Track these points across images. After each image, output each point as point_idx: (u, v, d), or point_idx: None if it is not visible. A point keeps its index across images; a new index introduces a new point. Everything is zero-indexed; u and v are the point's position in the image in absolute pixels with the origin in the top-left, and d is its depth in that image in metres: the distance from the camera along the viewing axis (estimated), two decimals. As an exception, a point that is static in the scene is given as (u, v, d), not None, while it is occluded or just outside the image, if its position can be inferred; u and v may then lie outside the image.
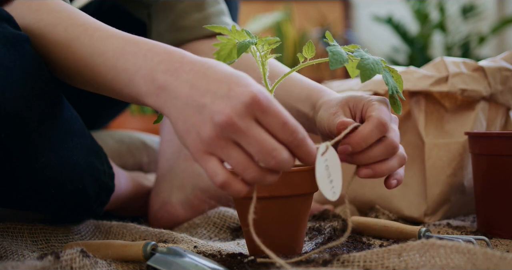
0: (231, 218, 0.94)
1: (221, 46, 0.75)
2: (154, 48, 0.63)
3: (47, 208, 0.78)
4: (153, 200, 0.99)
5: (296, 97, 0.81)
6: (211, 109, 0.56)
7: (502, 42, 3.41)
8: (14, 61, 0.65)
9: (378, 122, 0.65)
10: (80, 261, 0.60)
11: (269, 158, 0.56)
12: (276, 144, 0.56)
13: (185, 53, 0.62)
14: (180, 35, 0.96)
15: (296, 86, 0.82)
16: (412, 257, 0.59)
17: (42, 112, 0.68)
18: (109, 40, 0.66)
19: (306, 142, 0.58)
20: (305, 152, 0.58)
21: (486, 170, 0.83)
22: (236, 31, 0.72)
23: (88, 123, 0.89)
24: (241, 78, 0.58)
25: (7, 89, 0.63)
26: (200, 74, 0.59)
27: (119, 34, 0.67)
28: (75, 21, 0.69)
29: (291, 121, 0.56)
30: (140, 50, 0.64)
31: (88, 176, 0.78)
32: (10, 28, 0.67)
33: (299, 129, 0.57)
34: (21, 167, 0.68)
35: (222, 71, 0.59)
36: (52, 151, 0.70)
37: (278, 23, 3.51)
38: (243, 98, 0.55)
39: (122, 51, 0.64)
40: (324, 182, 0.62)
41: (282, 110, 0.56)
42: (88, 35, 0.67)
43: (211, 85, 0.57)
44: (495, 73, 0.94)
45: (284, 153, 0.56)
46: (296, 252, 0.70)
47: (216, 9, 0.97)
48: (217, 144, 0.56)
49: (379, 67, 0.65)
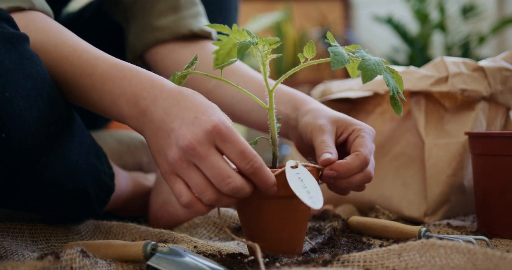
0: (231, 218, 0.94)
1: (221, 45, 0.76)
2: (139, 75, 0.69)
3: (48, 208, 0.78)
4: (153, 200, 0.99)
5: (279, 99, 0.85)
6: (177, 133, 0.61)
7: (502, 42, 3.41)
8: (14, 61, 0.65)
9: (365, 159, 0.72)
10: (80, 261, 0.60)
11: (223, 183, 0.60)
12: (231, 172, 0.60)
13: (166, 82, 0.68)
14: (155, 35, 0.97)
15: (278, 90, 0.86)
16: (412, 257, 0.59)
17: (42, 112, 0.68)
18: (96, 63, 0.71)
19: (262, 170, 0.62)
20: (261, 179, 0.63)
21: (486, 170, 0.83)
22: (237, 31, 0.72)
23: (88, 124, 0.89)
24: (208, 108, 0.63)
25: (7, 90, 0.63)
26: (174, 102, 0.64)
27: (105, 57, 0.72)
28: (64, 41, 0.73)
29: (248, 150, 0.61)
30: (125, 76, 0.69)
31: (88, 176, 0.78)
32: (9, 28, 0.67)
33: (255, 158, 0.61)
34: (21, 167, 0.68)
35: (193, 101, 0.64)
36: (52, 151, 0.70)
37: (278, 23, 3.51)
38: (204, 126, 0.61)
39: (108, 75, 0.69)
40: (300, 191, 0.64)
41: (240, 139, 0.61)
42: (77, 56, 0.72)
43: (181, 112, 0.63)
44: (495, 73, 0.94)
45: (237, 180, 0.60)
46: (296, 252, 0.70)
47: (192, 11, 0.99)
48: (180, 165, 0.61)
49: (380, 68, 0.65)
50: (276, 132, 0.72)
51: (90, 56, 0.72)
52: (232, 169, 0.61)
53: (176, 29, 0.97)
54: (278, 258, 0.65)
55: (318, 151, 0.73)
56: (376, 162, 1.02)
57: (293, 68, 0.70)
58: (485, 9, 3.27)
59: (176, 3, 0.98)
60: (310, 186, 0.65)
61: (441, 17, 3.15)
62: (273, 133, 0.72)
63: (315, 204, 0.63)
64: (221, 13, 1.15)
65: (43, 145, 0.69)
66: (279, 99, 0.85)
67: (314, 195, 0.64)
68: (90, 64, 0.71)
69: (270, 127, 0.72)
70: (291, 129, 0.85)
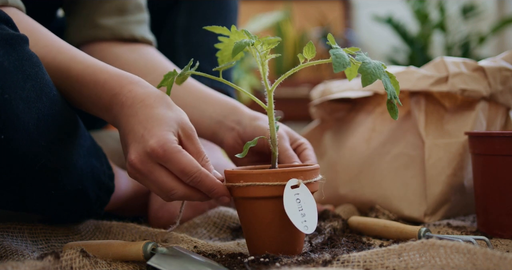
0: (231, 218, 0.94)
1: (223, 47, 0.76)
2: (110, 79, 0.72)
3: (48, 209, 0.78)
4: (154, 200, 0.99)
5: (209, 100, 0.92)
6: (129, 149, 0.67)
7: (502, 42, 3.41)
8: (13, 62, 0.65)
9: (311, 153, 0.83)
10: (80, 261, 0.60)
11: (168, 195, 0.67)
12: (173, 184, 0.67)
13: (134, 87, 0.70)
14: (97, 33, 0.98)
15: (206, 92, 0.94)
16: (412, 257, 0.59)
17: (41, 114, 0.68)
18: (70, 65, 0.73)
19: (204, 183, 0.67)
20: (206, 188, 0.68)
21: (486, 170, 0.83)
22: (236, 32, 0.72)
23: (88, 124, 0.89)
24: (155, 125, 0.66)
25: (6, 91, 0.63)
26: (133, 112, 0.68)
27: (78, 57, 0.74)
28: (38, 41, 0.74)
29: (188, 168, 0.66)
30: (98, 80, 0.72)
31: (88, 176, 0.78)
32: (8, 30, 0.67)
33: (196, 174, 0.66)
34: (20, 169, 0.68)
35: (146, 114, 0.67)
36: (52, 153, 0.70)
37: (278, 23, 3.51)
38: (146, 148, 0.65)
39: (82, 79, 0.73)
40: (293, 213, 0.65)
41: (179, 158, 0.65)
42: (51, 57, 0.74)
43: (135, 126, 0.67)
44: (495, 73, 0.94)
45: (180, 191, 0.67)
46: (297, 252, 0.70)
47: (138, 18, 1.01)
48: (134, 175, 0.68)
49: (380, 72, 0.66)
50: (276, 133, 0.72)
51: (64, 57, 0.74)
52: (174, 181, 0.67)
53: (118, 31, 0.98)
54: (278, 258, 0.65)
55: (285, 157, 0.81)
56: (376, 162, 1.02)
57: (292, 69, 0.70)
58: (485, 9, 3.27)
59: (123, 6, 0.99)
60: (306, 208, 0.66)
61: (441, 17, 3.15)
62: (272, 134, 0.72)
63: (307, 229, 0.65)
64: (221, 15, 1.16)
65: (42, 146, 0.69)
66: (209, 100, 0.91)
67: (308, 218, 0.65)
68: (65, 66, 0.73)
69: (270, 127, 0.72)
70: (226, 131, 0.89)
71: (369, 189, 1.02)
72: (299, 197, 0.66)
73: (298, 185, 0.67)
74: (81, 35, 0.99)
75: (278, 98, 0.75)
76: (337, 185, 1.07)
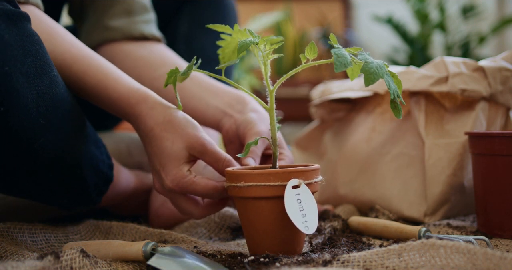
0: (231, 218, 0.94)
1: (225, 44, 0.76)
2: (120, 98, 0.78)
3: (45, 194, 0.78)
4: (154, 198, 1.00)
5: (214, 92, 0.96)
6: (152, 172, 0.78)
7: (502, 42, 3.41)
8: (14, 37, 0.66)
9: (290, 161, 0.86)
10: (80, 261, 0.60)
11: (189, 216, 0.78)
12: (191, 209, 0.76)
13: (141, 108, 0.76)
14: (108, 34, 1.01)
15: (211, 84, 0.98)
16: (412, 257, 0.59)
17: (40, 91, 0.69)
18: (85, 78, 0.79)
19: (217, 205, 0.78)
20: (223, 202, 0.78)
21: (486, 170, 0.83)
22: (239, 31, 0.72)
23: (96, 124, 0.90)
24: (167, 164, 0.74)
25: (6, 63, 0.64)
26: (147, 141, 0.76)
27: (91, 70, 0.79)
28: (55, 48, 0.78)
29: (204, 194, 0.74)
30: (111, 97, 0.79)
31: (87, 162, 0.79)
32: (9, 6, 0.68)
33: (212, 195, 0.74)
34: (19, 146, 0.68)
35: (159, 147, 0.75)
36: (50, 132, 0.70)
37: (278, 23, 3.51)
38: (165, 186, 0.75)
39: (97, 94, 0.79)
40: (294, 213, 0.65)
41: (194, 188, 0.73)
42: (67, 66, 0.78)
43: (151, 155, 0.76)
44: (495, 73, 0.94)
45: (196, 214, 0.77)
46: (297, 252, 0.70)
47: (145, 18, 1.05)
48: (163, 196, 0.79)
49: (382, 71, 0.66)
50: (277, 133, 0.72)
51: (78, 68, 0.79)
52: (192, 206, 0.76)
53: (127, 30, 1.02)
54: (278, 258, 0.65)
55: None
56: (376, 162, 1.02)
57: (294, 69, 0.70)
58: (485, 9, 3.27)
59: (130, 8, 1.03)
60: (307, 208, 0.66)
61: (441, 17, 3.15)
62: (273, 133, 0.72)
63: (308, 229, 0.65)
64: (220, 15, 1.18)
65: (41, 124, 0.69)
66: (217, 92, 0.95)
67: (309, 218, 0.66)
68: (80, 78, 0.79)
69: (271, 127, 0.72)
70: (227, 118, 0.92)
71: (369, 189, 1.02)
72: (300, 197, 0.66)
73: (299, 185, 0.67)
74: (93, 39, 1.02)
75: (278, 98, 0.75)
76: (337, 185, 1.07)
